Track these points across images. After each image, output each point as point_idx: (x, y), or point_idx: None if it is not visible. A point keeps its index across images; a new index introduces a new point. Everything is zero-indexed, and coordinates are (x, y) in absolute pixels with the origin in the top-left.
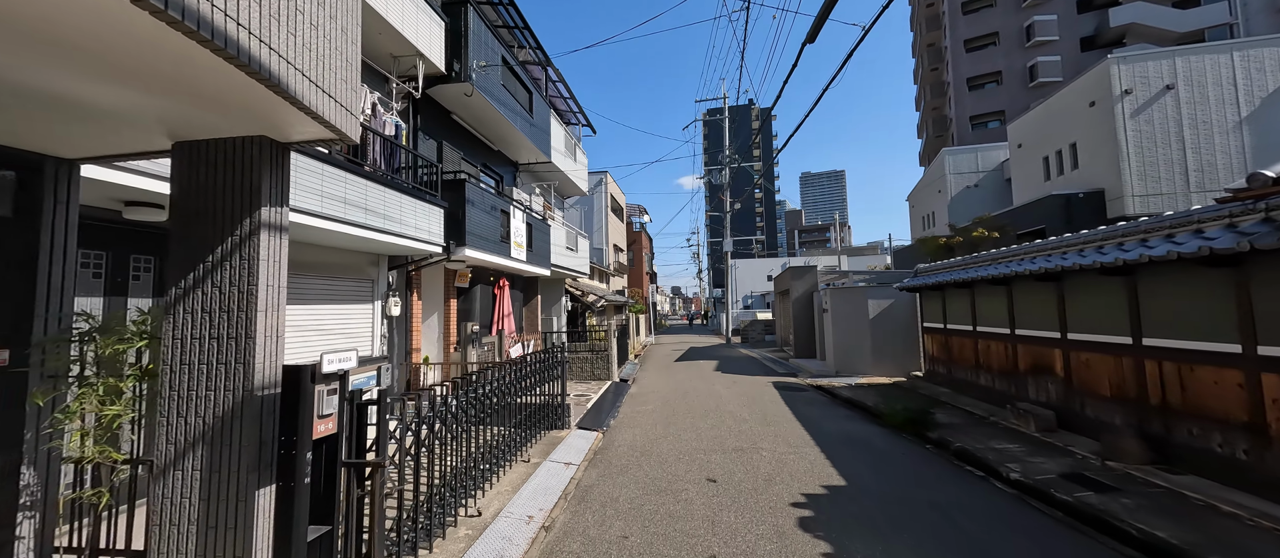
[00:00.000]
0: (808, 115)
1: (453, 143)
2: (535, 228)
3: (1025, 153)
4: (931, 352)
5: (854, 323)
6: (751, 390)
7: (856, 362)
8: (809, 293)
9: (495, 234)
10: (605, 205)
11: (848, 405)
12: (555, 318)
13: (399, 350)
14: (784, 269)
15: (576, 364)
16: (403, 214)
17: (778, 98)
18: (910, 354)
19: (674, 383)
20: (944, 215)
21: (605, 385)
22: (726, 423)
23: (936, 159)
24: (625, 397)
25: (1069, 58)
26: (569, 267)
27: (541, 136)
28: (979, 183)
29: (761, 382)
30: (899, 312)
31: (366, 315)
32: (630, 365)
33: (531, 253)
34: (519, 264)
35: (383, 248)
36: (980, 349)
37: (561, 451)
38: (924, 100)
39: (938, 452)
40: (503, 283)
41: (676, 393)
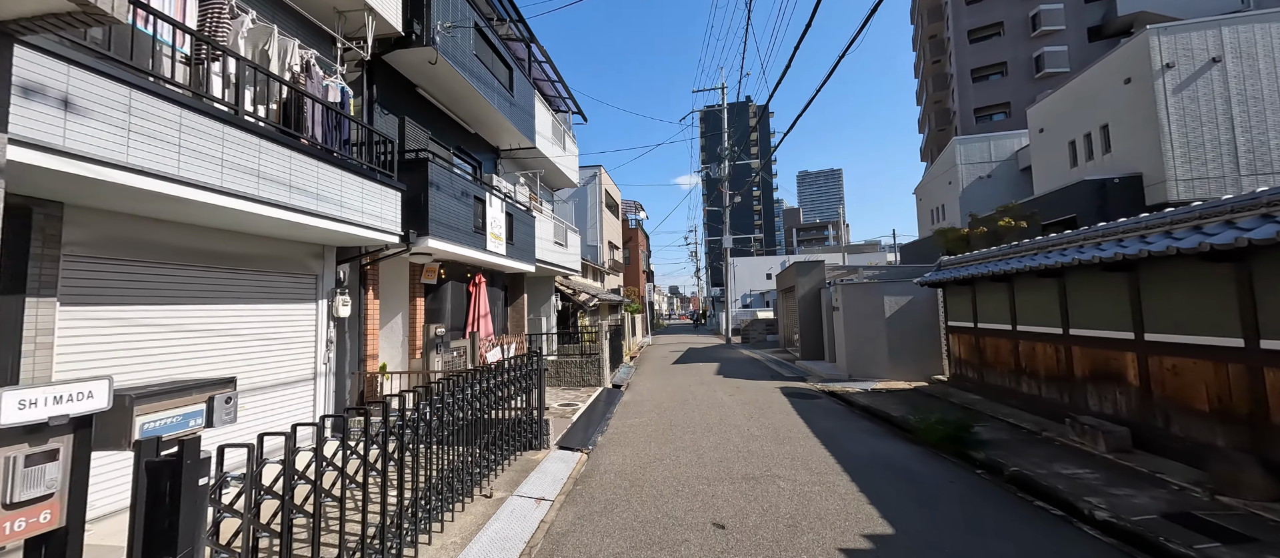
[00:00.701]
0: (808, 105)
1: (419, 120)
2: (517, 219)
3: (1048, 138)
4: (958, 353)
5: (868, 322)
6: (757, 398)
7: (871, 364)
8: (816, 289)
9: (467, 224)
10: (599, 200)
11: (869, 416)
12: (544, 318)
13: (351, 357)
14: (788, 265)
15: (565, 369)
16: (346, 196)
17: (775, 89)
18: (931, 356)
19: (672, 389)
20: (956, 208)
21: (596, 392)
22: (732, 440)
23: (946, 149)
24: (617, 406)
25: (1076, 48)
26: (558, 263)
27: (524, 119)
28: (991, 174)
29: (768, 388)
30: (918, 309)
31: (307, 317)
32: (625, 369)
33: (512, 247)
34: (497, 258)
35: (325, 237)
36: (1022, 352)
37: (534, 480)
38: (926, 93)
39: (991, 479)
40: (479, 279)
41: (674, 401)
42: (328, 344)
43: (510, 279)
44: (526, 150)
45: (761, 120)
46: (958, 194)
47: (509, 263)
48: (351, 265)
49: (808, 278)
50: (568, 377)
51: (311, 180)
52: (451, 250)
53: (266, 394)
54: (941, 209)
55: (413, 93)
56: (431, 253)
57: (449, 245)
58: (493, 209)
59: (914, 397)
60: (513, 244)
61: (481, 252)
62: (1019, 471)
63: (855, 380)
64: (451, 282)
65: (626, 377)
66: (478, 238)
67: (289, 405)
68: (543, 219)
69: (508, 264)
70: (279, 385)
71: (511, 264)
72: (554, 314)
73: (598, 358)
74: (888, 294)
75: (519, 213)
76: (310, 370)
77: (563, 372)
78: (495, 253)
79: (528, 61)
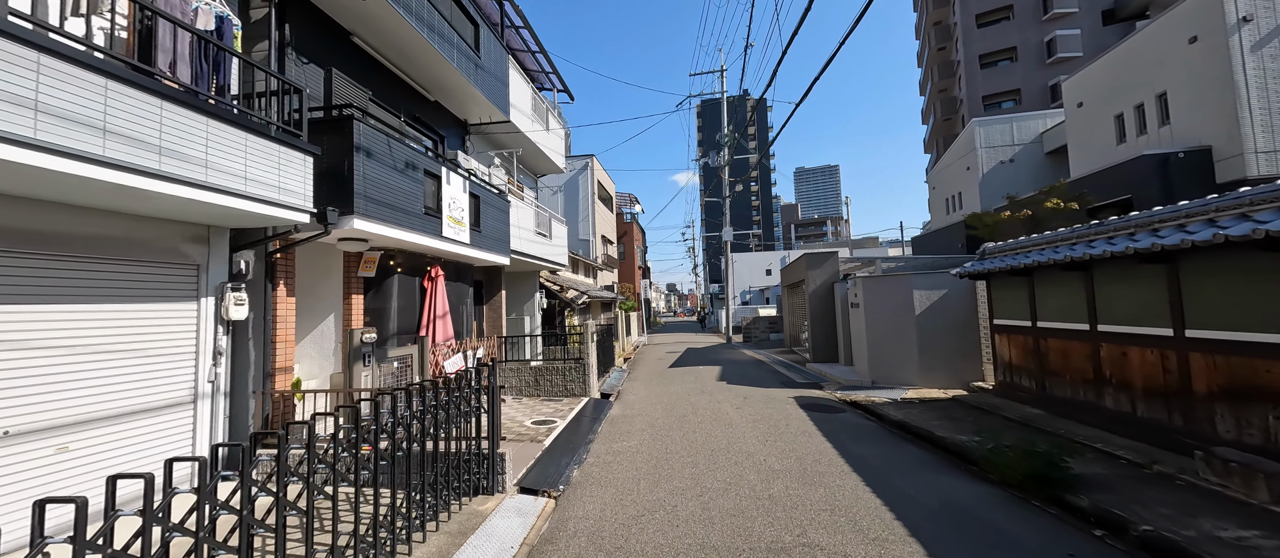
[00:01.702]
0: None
1: (356, 76)
2: (486, 203)
3: (1089, 113)
4: (1007, 357)
5: (894, 319)
6: (769, 411)
7: (897, 368)
8: (828, 284)
9: (412, 203)
10: (591, 192)
11: (911, 437)
12: (527, 318)
13: (256, 372)
14: (797, 257)
15: (546, 376)
16: (221, 156)
17: (772, 79)
18: (967, 359)
19: (668, 399)
20: (975, 194)
21: (580, 404)
22: (747, 478)
23: (965, 132)
24: (603, 422)
25: (1089, 31)
26: (541, 256)
27: (495, 88)
28: (1014, 158)
29: (779, 397)
30: (952, 305)
31: (185, 320)
32: (616, 374)
33: (480, 235)
34: (458, 248)
35: (200, 213)
36: (1107, 358)
37: (472, 549)
38: (930, 82)
39: (1118, 545)
40: (436, 273)
41: (671, 417)
42: (215, 356)
43: (485, 274)
44: (500, 126)
45: (759, 113)
46: (977, 180)
47: (474, 254)
48: (256, 253)
49: (819, 271)
50: (549, 385)
51: (177, 135)
52: (391, 235)
53: (117, 426)
54: (958, 197)
55: (346, 42)
56: (366, 238)
57: (387, 229)
58: (452, 188)
59: (955, 410)
60: (480, 232)
61: (435, 238)
62: (1155, 532)
63: (879, 388)
64: (398, 275)
65: (618, 383)
66: (430, 222)
67: (155, 439)
68: (522, 206)
69: (473, 255)
70: (138, 413)
71: (478, 255)
72: (538, 313)
73: (583, 364)
74: (917, 288)
75: (489, 196)
76: (190, 390)
77: (544, 380)
78: (455, 241)
79: (501, 25)
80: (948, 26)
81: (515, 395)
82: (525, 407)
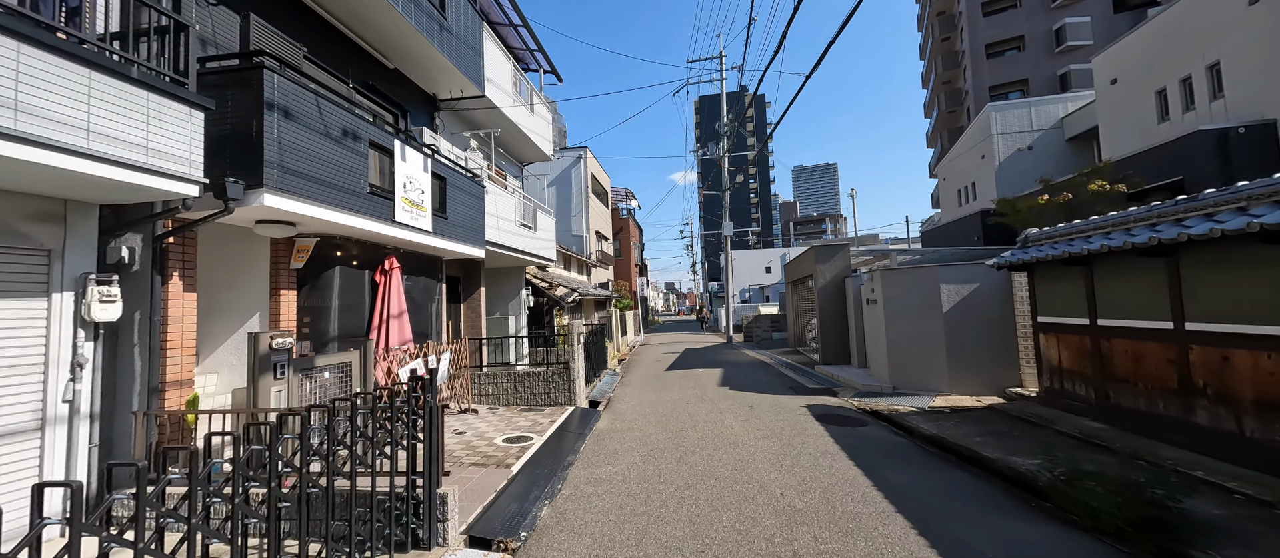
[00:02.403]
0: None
1: (286, 28)
2: (454, 186)
3: (1124, 90)
4: (1055, 360)
5: (918, 317)
6: (781, 424)
7: (923, 372)
8: (840, 279)
9: (353, 180)
10: (585, 186)
11: (953, 459)
12: (511, 318)
13: (141, 387)
14: (804, 250)
15: (526, 384)
16: (55, 100)
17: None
18: (1003, 362)
19: (664, 409)
20: (990, 184)
21: (564, 414)
22: (761, 523)
23: (979, 118)
24: (587, 438)
25: (1100, 18)
26: (525, 250)
27: (467, 57)
28: (1032, 145)
29: (790, 406)
30: (984, 301)
31: (29, 322)
32: (608, 378)
33: (446, 222)
34: (417, 236)
35: (48, 181)
36: (1197, 364)
37: None
38: (934, 72)
39: None
40: (390, 265)
41: (666, 431)
42: (74, 368)
43: (463, 270)
44: (473, 102)
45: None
46: (993, 169)
47: (439, 244)
48: (143, 237)
49: (829, 265)
50: (530, 393)
51: None
52: (323, 217)
53: None
54: (972, 188)
55: None
56: (292, 221)
57: (316, 209)
58: (408, 166)
59: (996, 422)
60: (447, 219)
61: (384, 224)
62: None
63: (902, 395)
64: (342, 268)
65: (609, 389)
66: (378, 204)
67: None
68: (502, 194)
69: (438, 246)
70: None
71: (444, 246)
72: (524, 313)
73: (568, 369)
74: (945, 281)
75: (458, 178)
76: (34, 414)
77: (524, 387)
78: (413, 228)
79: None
80: (952, 16)
81: (492, 405)
82: (500, 419)
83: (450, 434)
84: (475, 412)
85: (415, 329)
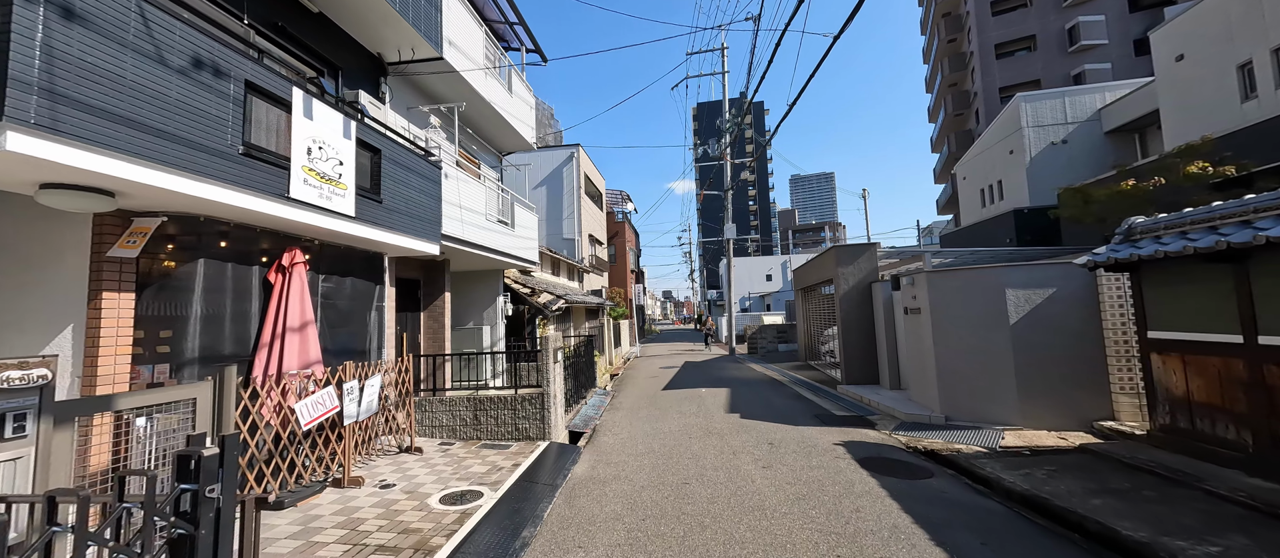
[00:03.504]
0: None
1: None
2: (395, 162)
3: (1192, 67)
4: (1180, 390)
5: (979, 330)
6: (817, 474)
7: (984, 399)
8: (865, 284)
9: (212, 133)
10: (577, 186)
11: (1069, 534)
12: (487, 328)
13: None
14: (821, 251)
15: (490, 413)
16: None
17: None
18: (1088, 387)
19: (661, 446)
20: (1020, 182)
21: (534, 453)
22: None
23: (1006, 111)
24: (557, 498)
25: (1115, 17)
26: (500, 249)
27: (419, 7)
28: (1067, 138)
29: (821, 443)
30: (1063, 310)
31: None
32: (596, 399)
33: (380, 208)
34: (331, 221)
35: None
36: None
37: None
38: (940, 75)
39: None
40: (291, 260)
41: (665, 487)
42: None
43: (423, 271)
44: (429, 65)
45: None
46: (1023, 165)
47: (366, 234)
48: None
49: (853, 268)
50: (493, 425)
51: None
52: (158, 183)
53: None
54: (997, 186)
55: None
56: (111, 188)
57: (142, 170)
58: (316, 127)
59: (1101, 470)
60: (380, 202)
61: (270, 200)
62: None
63: (957, 426)
64: (208, 260)
65: (595, 413)
66: (260, 172)
67: None
68: (469, 182)
69: (364, 236)
70: None
71: (376, 237)
72: (501, 322)
73: (543, 394)
74: (1012, 286)
75: (401, 154)
76: None
77: (487, 416)
78: (321, 209)
79: None
80: (959, 16)
81: (446, 439)
82: (450, 462)
83: (371, 490)
84: (419, 451)
85: (339, 345)
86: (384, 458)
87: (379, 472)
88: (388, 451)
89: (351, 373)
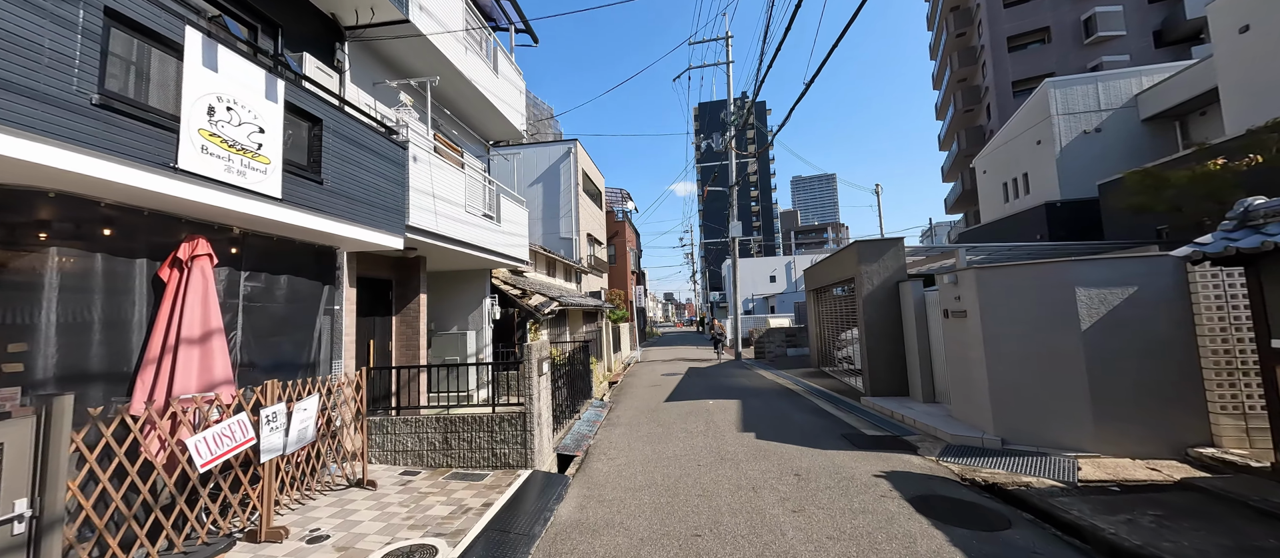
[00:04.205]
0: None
1: None
2: (341, 135)
3: (1259, 38)
4: None
5: (1041, 336)
6: (863, 523)
7: (1049, 418)
8: (891, 284)
9: (42, 72)
10: (575, 183)
11: None
12: (472, 334)
13: None
14: (842, 248)
15: (462, 435)
16: None
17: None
18: (1180, 405)
19: (665, 478)
20: (1050, 174)
21: (512, 487)
22: None
23: (1034, 97)
24: (533, 550)
25: (1132, 8)
26: (485, 246)
27: None
28: (1101, 127)
29: (860, 476)
30: (1147, 313)
31: None
32: (591, 412)
33: (320, 189)
34: (245, 204)
35: None
36: None
37: None
38: (949, 70)
39: None
40: (191, 252)
41: (672, 540)
42: None
43: (396, 270)
44: (395, 30)
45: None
46: (1053, 156)
47: (296, 220)
48: None
49: (877, 266)
50: (465, 451)
51: None
52: None
53: None
54: (1023, 180)
55: None
56: None
57: None
58: (223, 81)
59: (1222, 513)
60: (322, 184)
61: (155, 171)
62: None
63: (1019, 451)
64: (59, 249)
65: (590, 430)
66: (136, 135)
67: None
68: (444, 168)
69: (303, 224)
70: None
71: (313, 225)
72: (488, 327)
73: (525, 413)
74: (1084, 284)
75: (349, 125)
76: None
77: (457, 440)
78: (235, 188)
79: None
80: (968, 10)
81: (410, 466)
82: (407, 500)
83: (293, 547)
84: (372, 485)
85: (272, 359)
86: (329, 495)
87: (315, 516)
88: (336, 485)
89: (276, 394)
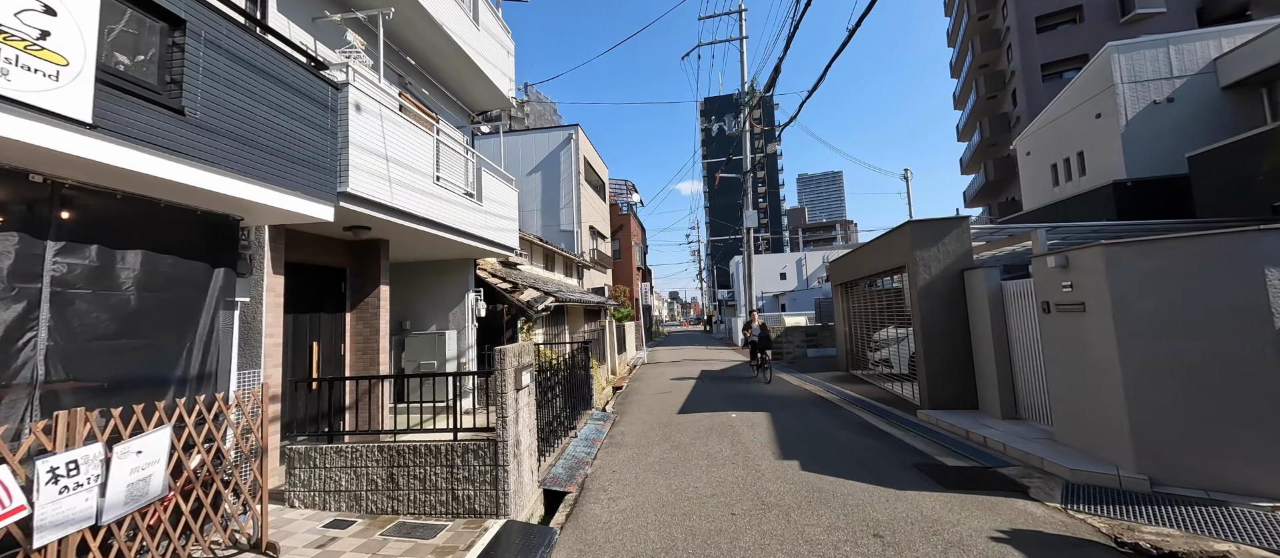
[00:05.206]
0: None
1: None
2: (218, 45)
3: None
4: None
5: (1206, 338)
6: None
7: (1228, 454)
8: (953, 272)
9: None
10: (576, 171)
11: None
12: (453, 333)
13: None
14: (886, 232)
15: (413, 471)
16: None
17: None
18: None
19: (687, 537)
20: (1114, 150)
21: (475, 548)
22: None
23: (1096, 62)
24: None
25: None
26: (462, 228)
27: None
28: (1173, 96)
29: (965, 535)
30: None
31: None
32: (589, 429)
33: (196, 128)
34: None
35: None
36: None
37: None
38: (971, 54)
39: None
40: None
41: None
42: None
43: (351, 254)
44: None
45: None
46: (1117, 130)
47: (159, 170)
48: None
49: (936, 251)
50: (418, 490)
51: None
52: None
53: None
54: (1077, 159)
55: None
56: None
57: None
58: None
59: None
60: (179, 113)
61: None
62: None
63: (1180, 497)
64: None
65: (589, 452)
66: None
67: None
68: (399, 124)
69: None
70: None
71: (179, 179)
72: (471, 327)
73: (495, 443)
74: (1278, 263)
75: (246, 45)
76: None
77: (406, 478)
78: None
79: None
80: None
81: (342, 516)
82: None
83: None
84: (273, 550)
85: (118, 373)
86: None
87: None
88: (222, 549)
89: (79, 431)
